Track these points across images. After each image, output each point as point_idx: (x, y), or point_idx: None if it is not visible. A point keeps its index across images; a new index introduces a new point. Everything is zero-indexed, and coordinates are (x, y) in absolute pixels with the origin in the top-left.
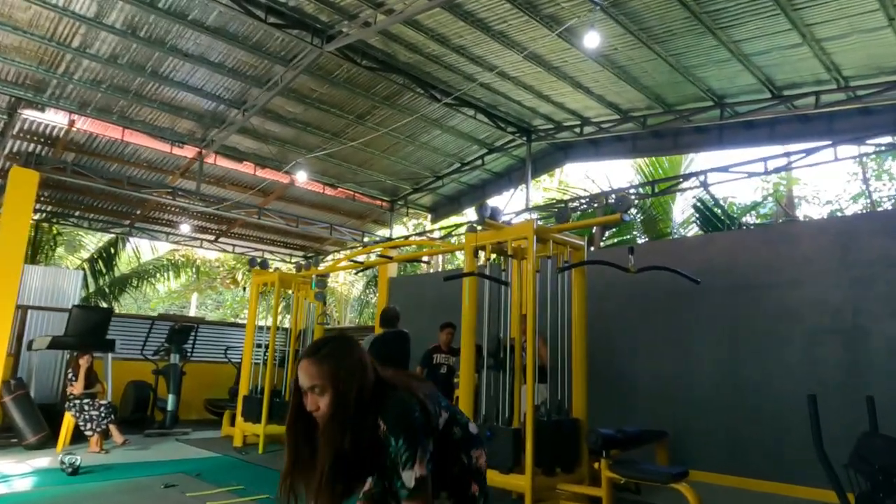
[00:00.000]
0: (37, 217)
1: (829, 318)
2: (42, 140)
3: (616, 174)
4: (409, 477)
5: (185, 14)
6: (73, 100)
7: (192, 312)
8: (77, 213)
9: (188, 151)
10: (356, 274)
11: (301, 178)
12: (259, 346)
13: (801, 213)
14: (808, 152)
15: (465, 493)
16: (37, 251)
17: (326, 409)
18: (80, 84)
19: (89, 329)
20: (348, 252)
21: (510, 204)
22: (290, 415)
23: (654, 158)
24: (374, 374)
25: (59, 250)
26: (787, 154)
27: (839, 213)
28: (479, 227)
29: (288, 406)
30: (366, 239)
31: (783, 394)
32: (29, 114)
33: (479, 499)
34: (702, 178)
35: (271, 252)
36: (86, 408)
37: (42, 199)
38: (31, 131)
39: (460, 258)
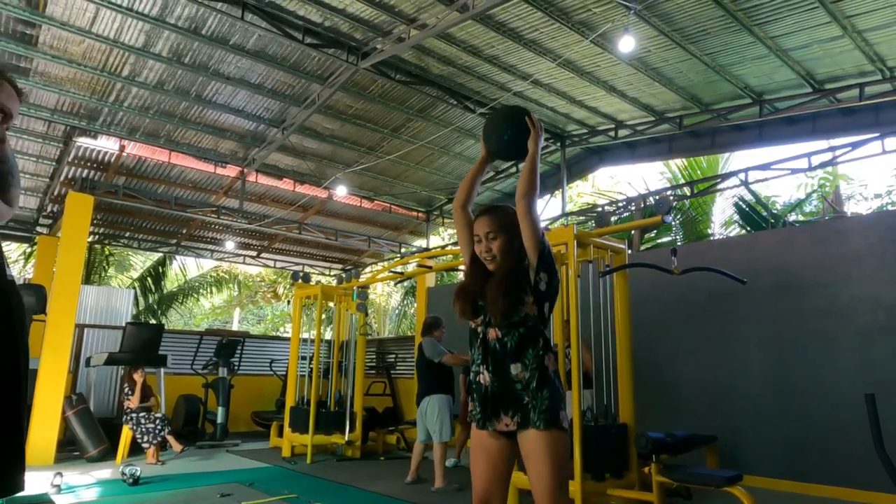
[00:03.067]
0: (90, 239)
1: (885, 315)
2: (95, 165)
3: (649, 176)
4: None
5: (227, 39)
6: (123, 126)
7: (235, 327)
8: (127, 234)
9: (231, 171)
10: (395, 285)
11: (340, 192)
12: (303, 358)
13: (848, 209)
14: (854, 146)
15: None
16: (90, 272)
17: (499, 249)
18: (130, 111)
19: (143, 345)
20: (386, 263)
21: (546, 209)
22: (470, 259)
23: (690, 159)
24: None
25: (111, 270)
26: (832, 148)
27: (889, 208)
28: None
29: (468, 267)
30: (403, 250)
31: (838, 394)
32: (83, 141)
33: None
34: (742, 176)
35: (311, 265)
36: (142, 421)
37: (95, 221)
38: (84, 158)
39: None
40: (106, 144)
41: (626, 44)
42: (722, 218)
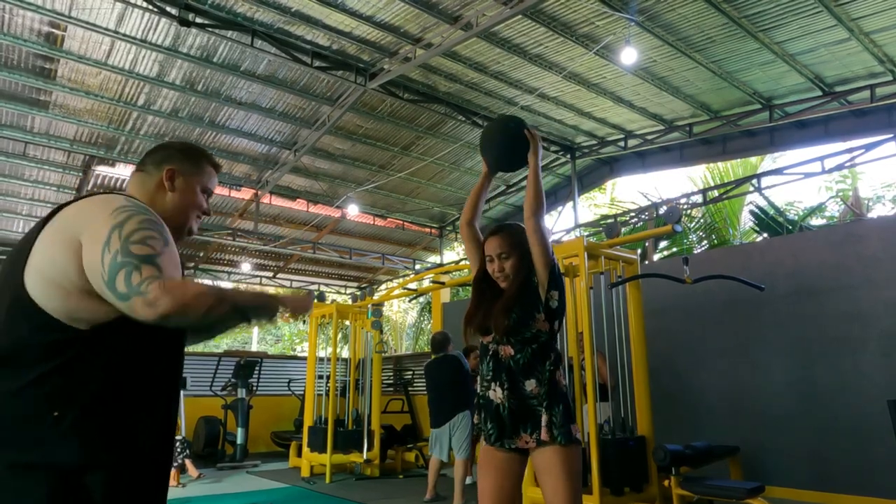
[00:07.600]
0: None
1: None
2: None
3: (674, 184)
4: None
5: (238, 66)
6: (140, 153)
7: (254, 347)
8: None
9: (245, 193)
10: (410, 301)
11: (352, 211)
12: (320, 377)
13: (872, 212)
14: (868, 147)
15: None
16: None
17: (512, 267)
18: (146, 138)
19: None
20: (401, 280)
21: (559, 222)
22: (477, 274)
23: (721, 166)
24: None
25: None
26: (849, 150)
27: None
28: None
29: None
30: (417, 266)
31: (862, 400)
32: (101, 170)
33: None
34: (756, 182)
35: (327, 284)
36: None
37: None
38: (103, 186)
39: None
40: (124, 172)
41: (629, 55)
42: (750, 223)
